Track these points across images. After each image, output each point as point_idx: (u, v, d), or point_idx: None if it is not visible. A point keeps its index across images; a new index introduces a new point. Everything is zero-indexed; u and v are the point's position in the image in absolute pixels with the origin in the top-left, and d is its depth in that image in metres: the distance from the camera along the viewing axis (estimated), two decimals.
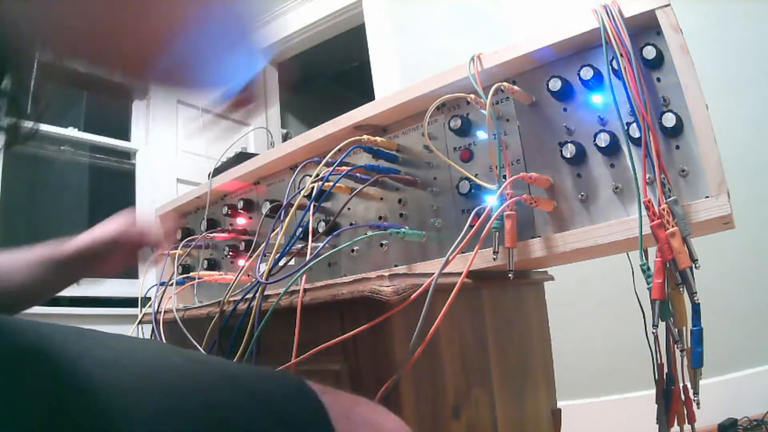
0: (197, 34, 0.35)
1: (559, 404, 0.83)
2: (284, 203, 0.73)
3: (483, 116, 0.68)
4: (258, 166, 0.95)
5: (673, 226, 0.51)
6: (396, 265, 0.75)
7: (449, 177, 0.72)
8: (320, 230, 0.79)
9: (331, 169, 0.72)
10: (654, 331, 0.54)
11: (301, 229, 0.70)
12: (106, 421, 0.28)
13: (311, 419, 0.37)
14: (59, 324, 0.35)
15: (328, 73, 4.06)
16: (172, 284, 0.90)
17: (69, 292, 0.71)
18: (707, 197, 0.53)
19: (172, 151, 2.69)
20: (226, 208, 1.00)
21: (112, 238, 0.72)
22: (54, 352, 0.30)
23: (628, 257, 0.68)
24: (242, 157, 1.20)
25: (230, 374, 0.38)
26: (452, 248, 0.57)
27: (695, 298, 0.52)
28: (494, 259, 0.61)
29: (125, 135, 2.63)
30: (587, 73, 0.61)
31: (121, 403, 0.29)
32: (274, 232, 0.71)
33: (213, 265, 1.03)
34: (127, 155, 2.62)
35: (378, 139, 0.75)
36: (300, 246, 0.69)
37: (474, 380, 0.63)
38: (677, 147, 0.56)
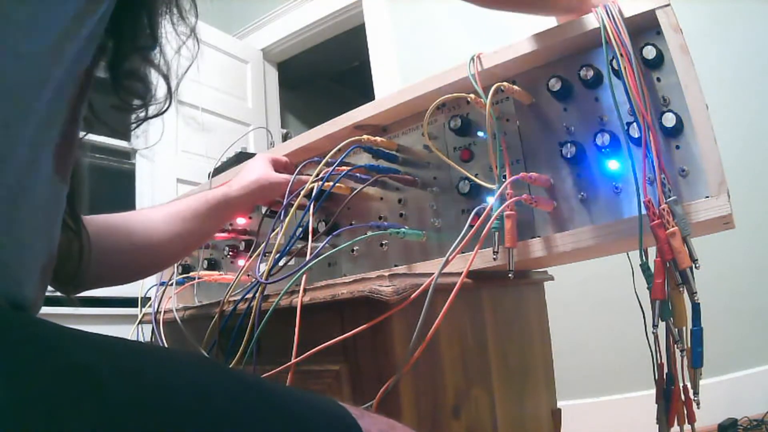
0: None
1: (559, 404, 0.83)
2: (284, 203, 0.73)
3: (483, 116, 0.68)
4: None
5: (673, 226, 0.51)
6: (396, 265, 0.75)
7: (449, 177, 0.72)
8: (320, 230, 0.79)
9: (331, 169, 0.72)
10: (654, 331, 0.54)
11: (301, 229, 0.70)
12: None
13: None
14: (117, 337, 0.34)
15: (328, 73, 4.06)
16: (172, 284, 0.90)
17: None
18: (707, 197, 0.53)
19: (172, 151, 2.69)
20: None
21: (267, 181, 0.78)
22: (106, 372, 0.29)
23: (628, 257, 0.68)
24: (242, 157, 1.20)
25: (276, 401, 0.37)
26: (452, 248, 0.57)
27: (695, 298, 0.52)
28: (494, 259, 0.61)
29: (125, 135, 2.62)
30: (587, 73, 0.61)
31: (167, 429, 0.29)
32: (274, 232, 0.71)
33: (213, 265, 1.03)
34: (127, 155, 2.62)
35: (378, 139, 0.75)
36: (300, 246, 0.69)
37: (474, 380, 0.63)
38: (677, 147, 0.56)
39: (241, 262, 0.96)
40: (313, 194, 0.70)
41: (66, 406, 0.26)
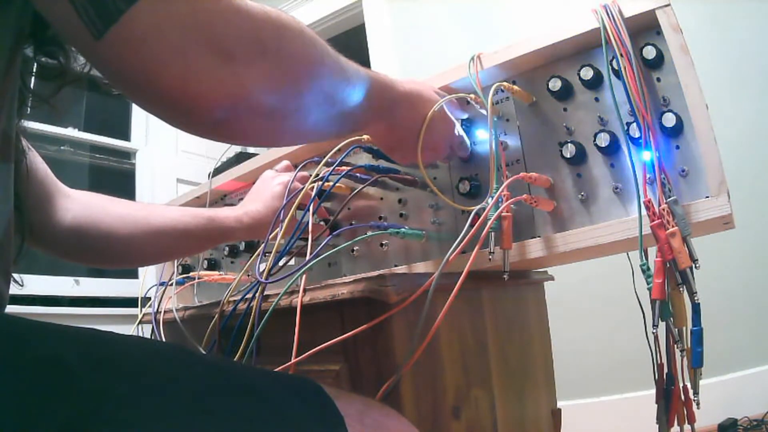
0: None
1: (559, 404, 0.83)
2: (284, 203, 0.73)
3: (483, 116, 0.68)
4: (258, 166, 0.95)
5: (673, 226, 0.51)
6: (396, 265, 0.74)
7: (449, 177, 0.72)
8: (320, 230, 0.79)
9: (331, 169, 0.72)
10: (654, 331, 0.54)
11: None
12: None
13: (328, 429, 0.37)
14: (85, 328, 0.34)
15: None
16: (172, 284, 0.90)
17: (69, 291, 0.72)
18: (707, 197, 0.53)
19: (172, 151, 2.68)
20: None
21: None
22: (75, 362, 0.29)
23: (628, 257, 0.68)
24: (242, 157, 1.20)
25: (246, 383, 0.37)
26: (452, 248, 0.57)
27: (695, 298, 0.52)
28: (489, 259, 0.61)
29: (125, 135, 2.63)
30: (587, 73, 0.61)
31: (138, 416, 0.29)
32: (273, 232, 0.71)
33: (213, 265, 1.03)
34: (127, 155, 2.62)
35: None
36: (300, 246, 0.69)
37: (474, 380, 0.63)
38: (677, 147, 0.56)
39: (241, 262, 0.96)
40: (313, 194, 0.70)
41: (38, 398, 0.26)
